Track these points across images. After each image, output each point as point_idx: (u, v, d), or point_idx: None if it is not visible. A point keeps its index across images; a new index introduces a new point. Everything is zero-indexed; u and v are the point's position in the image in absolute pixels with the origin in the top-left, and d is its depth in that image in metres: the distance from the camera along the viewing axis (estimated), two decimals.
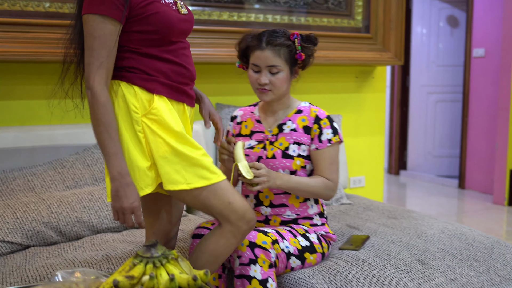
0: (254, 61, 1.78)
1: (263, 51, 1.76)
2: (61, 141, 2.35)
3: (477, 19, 5.24)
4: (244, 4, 2.79)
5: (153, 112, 1.49)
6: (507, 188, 4.73)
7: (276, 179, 1.73)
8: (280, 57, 1.76)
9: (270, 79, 1.77)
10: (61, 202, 2.07)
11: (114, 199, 1.45)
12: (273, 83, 1.77)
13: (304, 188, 1.78)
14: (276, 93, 1.80)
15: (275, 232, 1.69)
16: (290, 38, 1.79)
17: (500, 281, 1.77)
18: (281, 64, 1.77)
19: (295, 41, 1.79)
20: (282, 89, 1.81)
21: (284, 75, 1.78)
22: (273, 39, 1.76)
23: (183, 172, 1.49)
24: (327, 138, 1.82)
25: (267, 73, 1.77)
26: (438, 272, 1.76)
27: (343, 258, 1.84)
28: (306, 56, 1.81)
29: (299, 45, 1.79)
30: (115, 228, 2.14)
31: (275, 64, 1.76)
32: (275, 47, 1.76)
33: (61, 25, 2.33)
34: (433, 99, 5.98)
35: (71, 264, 1.77)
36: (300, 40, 1.79)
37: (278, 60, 1.76)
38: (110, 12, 1.41)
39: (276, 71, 1.77)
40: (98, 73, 1.43)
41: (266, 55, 1.76)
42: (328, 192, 1.82)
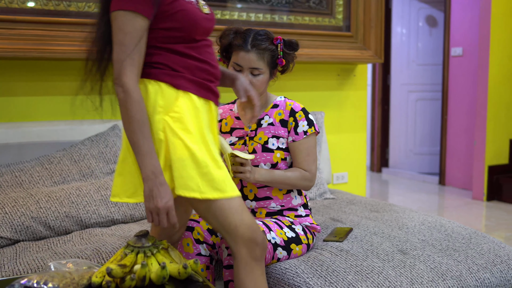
0: (237, 60, 1.82)
1: (248, 53, 1.80)
2: (48, 138, 2.36)
3: (455, 19, 5.35)
4: (227, 3, 2.83)
5: (176, 110, 1.45)
6: (486, 184, 4.84)
7: (255, 173, 1.79)
8: (263, 60, 1.81)
9: (251, 80, 1.81)
10: (49, 198, 2.09)
11: (148, 199, 1.40)
12: (253, 84, 1.82)
13: (282, 180, 1.84)
14: (256, 93, 1.85)
15: (262, 223, 1.74)
16: (273, 42, 1.84)
17: (477, 269, 1.84)
18: (264, 67, 1.82)
19: (278, 46, 1.84)
20: (261, 89, 1.86)
21: (265, 78, 1.84)
22: (258, 42, 1.81)
23: (198, 179, 1.43)
24: (303, 130, 1.87)
25: (248, 74, 1.82)
26: (418, 261, 1.82)
27: (327, 249, 1.90)
28: (287, 61, 1.88)
29: (281, 51, 1.85)
30: (104, 222, 2.16)
31: (258, 67, 1.81)
32: (260, 50, 1.81)
33: (47, 22, 2.35)
34: (413, 97, 6.09)
35: (61, 257, 1.80)
36: (282, 46, 1.85)
37: (261, 63, 1.81)
38: (140, 9, 1.39)
39: (258, 73, 1.82)
40: (130, 69, 1.40)
41: (251, 58, 1.80)
42: (306, 183, 1.88)
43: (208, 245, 1.78)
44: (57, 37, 2.36)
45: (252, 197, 1.90)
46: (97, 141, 2.40)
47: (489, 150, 4.84)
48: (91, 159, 2.33)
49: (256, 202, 1.89)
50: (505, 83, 4.84)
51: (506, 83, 4.84)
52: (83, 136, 2.44)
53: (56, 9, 2.39)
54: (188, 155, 1.43)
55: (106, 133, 2.45)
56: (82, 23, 2.41)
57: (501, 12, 4.72)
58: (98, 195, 2.18)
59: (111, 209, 2.18)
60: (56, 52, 2.33)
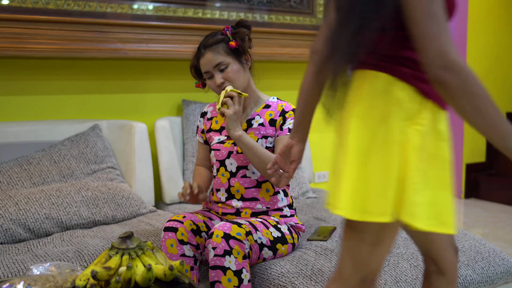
0: (203, 69, 1.88)
1: (204, 56, 1.86)
2: (27, 138, 2.32)
3: None
4: (208, 2, 2.81)
5: (422, 123, 1.12)
6: (464, 182, 4.91)
7: (239, 130, 1.80)
8: (220, 53, 1.84)
9: (223, 76, 1.84)
10: (28, 199, 2.05)
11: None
12: (227, 78, 1.84)
13: (260, 153, 1.78)
14: (237, 85, 1.87)
15: (248, 223, 1.73)
16: (222, 33, 1.88)
17: (459, 266, 1.85)
18: (224, 58, 1.84)
19: (227, 33, 1.87)
20: (240, 80, 1.87)
21: (234, 67, 1.85)
22: (207, 40, 1.86)
23: (434, 210, 1.11)
24: (288, 127, 1.87)
25: (218, 73, 1.84)
26: (402, 259, 1.84)
27: (312, 248, 1.90)
28: (240, 40, 1.88)
29: (230, 35, 1.87)
30: (85, 224, 2.13)
31: (219, 61, 1.83)
32: (212, 46, 1.85)
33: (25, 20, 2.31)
34: None
35: (42, 259, 1.76)
36: (231, 30, 1.88)
37: (219, 56, 1.84)
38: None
39: (224, 66, 1.84)
40: (452, 44, 1.03)
41: (208, 57, 1.84)
42: None
43: (192, 245, 1.76)
44: (35, 35, 2.31)
45: (239, 197, 1.89)
46: (77, 141, 2.36)
47: (467, 148, 4.90)
48: (71, 159, 2.30)
49: (243, 202, 1.88)
50: None
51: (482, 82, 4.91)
52: (62, 136, 2.40)
53: (35, 6, 2.35)
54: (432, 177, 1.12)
55: (86, 133, 2.42)
56: (61, 21, 2.37)
57: (478, 11, 4.79)
58: (79, 196, 2.15)
59: (92, 210, 2.15)
60: (34, 51, 2.29)
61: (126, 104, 2.71)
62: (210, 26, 2.77)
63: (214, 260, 1.61)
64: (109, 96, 2.66)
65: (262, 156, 1.79)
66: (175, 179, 2.58)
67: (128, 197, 2.28)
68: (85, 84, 2.60)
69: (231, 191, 1.89)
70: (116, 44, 2.49)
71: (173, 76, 2.83)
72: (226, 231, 1.62)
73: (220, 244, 1.61)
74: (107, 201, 2.21)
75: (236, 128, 1.79)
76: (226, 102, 1.77)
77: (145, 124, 2.54)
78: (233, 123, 1.78)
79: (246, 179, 1.88)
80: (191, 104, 2.72)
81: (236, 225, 1.66)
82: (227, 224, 1.65)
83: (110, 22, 2.49)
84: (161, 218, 2.26)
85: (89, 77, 2.61)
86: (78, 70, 2.57)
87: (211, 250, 1.62)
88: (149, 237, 1.99)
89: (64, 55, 2.36)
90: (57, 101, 2.54)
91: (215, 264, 1.61)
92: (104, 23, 2.48)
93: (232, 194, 1.89)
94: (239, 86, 1.86)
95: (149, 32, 2.60)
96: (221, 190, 1.91)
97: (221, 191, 1.91)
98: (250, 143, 1.79)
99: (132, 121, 2.54)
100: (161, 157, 2.59)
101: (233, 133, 1.79)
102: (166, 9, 2.68)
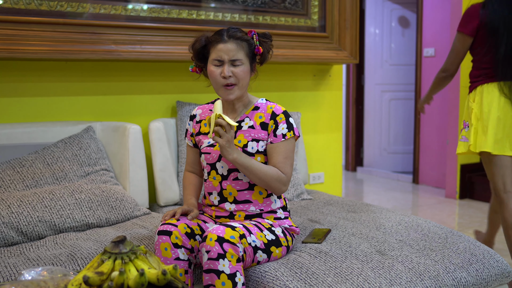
0: (216, 55, 1.82)
1: (226, 43, 1.81)
2: (19, 140, 2.30)
3: (427, 20, 5.42)
4: (203, 3, 2.80)
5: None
6: (458, 182, 4.91)
7: (234, 151, 1.76)
8: (243, 50, 1.83)
9: (233, 71, 1.82)
10: (21, 202, 2.03)
11: None
12: (236, 75, 1.81)
13: (258, 173, 1.79)
14: (240, 87, 1.85)
15: (242, 226, 1.72)
16: (248, 34, 1.86)
17: (454, 269, 1.85)
18: (243, 57, 1.83)
19: (253, 37, 1.86)
20: (245, 83, 1.86)
21: (246, 69, 1.84)
22: (234, 33, 1.83)
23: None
24: (282, 133, 1.86)
25: (230, 65, 1.82)
26: (397, 262, 1.83)
27: (306, 251, 1.89)
28: (265, 50, 1.89)
29: (257, 40, 1.86)
30: (78, 227, 2.12)
31: (238, 58, 1.82)
32: (237, 40, 1.82)
33: (17, 21, 2.29)
34: (387, 97, 6.15)
35: (35, 263, 1.75)
36: (258, 36, 1.88)
37: (240, 53, 1.82)
38: None
39: (239, 64, 1.82)
40: None
41: (230, 47, 1.81)
42: (279, 185, 1.84)
43: (187, 249, 1.75)
44: (28, 36, 2.30)
45: (232, 199, 1.88)
46: (70, 143, 2.35)
47: None
48: (64, 161, 2.28)
49: (236, 205, 1.88)
50: None
51: None
52: (56, 138, 2.39)
53: (27, 8, 2.34)
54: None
55: (80, 135, 2.40)
56: (54, 22, 2.36)
57: None
58: (72, 198, 2.13)
59: (85, 213, 2.14)
60: (27, 52, 2.28)
61: (120, 105, 2.70)
62: (204, 27, 2.76)
63: (208, 263, 1.60)
64: (103, 98, 2.65)
65: (259, 173, 1.79)
66: (169, 181, 2.57)
67: (122, 200, 2.27)
68: (78, 85, 2.59)
69: (223, 194, 1.88)
70: (110, 46, 2.47)
71: (167, 78, 2.82)
72: (219, 235, 1.61)
73: (214, 247, 1.60)
74: (100, 203, 2.19)
75: (230, 152, 1.76)
76: (217, 131, 1.72)
77: (139, 126, 2.53)
78: (227, 150, 1.75)
79: (238, 182, 1.87)
80: (185, 106, 2.71)
81: (230, 228, 1.66)
82: (221, 228, 1.65)
83: (103, 23, 2.48)
84: (155, 220, 2.24)
85: (82, 78, 2.59)
86: (72, 71, 2.56)
87: (205, 254, 1.61)
88: (143, 241, 1.97)
89: (57, 57, 2.34)
90: (50, 102, 2.52)
91: (209, 267, 1.60)
92: (97, 24, 2.47)
93: (224, 197, 1.88)
94: (241, 88, 1.84)
95: (143, 34, 2.59)
96: (213, 194, 1.91)
97: (213, 194, 1.90)
98: (245, 164, 1.78)
99: (126, 123, 2.52)
100: (155, 159, 2.58)
101: (228, 156, 1.76)
102: (160, 10, 2.67)
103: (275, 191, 1.86)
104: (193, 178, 2.03)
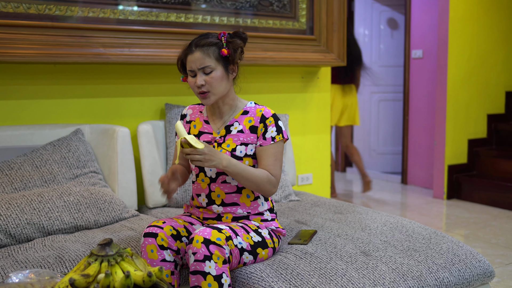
0: (188, 66, 1.86)
1: (193, 54, 1.84)
2: (8, 143, 2.31)
3: (415, 22, 5.47)
4: (191, 6, 2.82)
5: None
6: (446, 183, 4.97)
7: (223, 160, 1.77)
8: (210, 56, 1.83)
9: (205, 79, 1.83)
10: (9, 205, 2.05)
11: None
12: (208, 82, 1.83)
13: (249, 176, 1.82)
14: (216, 93, 1.86)
15: (228, 228, 1.75)
16: (218, 37, 1.87)
17: (437, 269, 1.89)
18: (212, 63, 1.83)
19: (222, 39, 1.87)
20: (221, 88, 1.87)
21: (219, 74, 1.85)
22: (200, 40, 1.85)
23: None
24: (271, 136, 1.89)
25: (201, 74, 1.84)
26: (380, 262, 1.87)
27: (292, 252, 1.92)
28: (232, 50, 1.87)
29: (225, 42, 1.86)
30: (67, 229, 2.13)
31: (206, 65, 1.83)
32: (203, 47, 1.83)
33: (6, 25, 2.30)
34: (376, 98, 6.20)
35: (23, 265, 1.76)
36: (226, 37, 1.87)
37: (207, 59, 1.83)
38: None
39: (209, 70, 1.84)
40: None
41: (196, 57, 1.83)
42: (269, 187, 1.87)
43: (173, 250, 1.78)
44: (16, 40, 2.31)
45: (220, 202, 1.90)
46: (59, 146, 2.36)
47: (449, 150, 4.97)
48: (53, 164, 2.30)
49: (223, 208, 1.90)
50: (463, 85, 4.98)
51: (464, 85, 4.98)
52: (44, 141, 2.40)
53: (16, 11, 2.34)
54: None
55: (68, 137, 2.42)
56: (43, 26, 2.37)
57: (460, 15, 4.86)
58: (61, 201, 2.15)
59: (74, 215, 2.15)
60: (15, 56, 2.29)
61: (108, 108, 2.71)
62: (193, 30, 2.78)
63: (194, 265, 1.63)
64: (92, 101, 2.66)
65: (250, 177, 1.82)
66: (158, 183, 2.59)
67: (111, 202, 2.29)
68: (67, 88, 2.60)
69: (211, 196, 1.91)
70: (98, 49, 2.49)
71: (156, 80, 2.84)
72: (206, 237, 1.64)
73: (200, 249, 1.62)
74: (89, 206, 2.21)
75: (217, 160, 1.76)
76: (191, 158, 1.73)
77: (128, 128, 2.55)
78: (212, 163, 1.75)
79: (226, 185, 1.89)
80: (174, 108, 2.73)
81: (216, 230, 1.68)
82: (207, 230, 1.67)
83: (92, 26, 2.49)
84: (143, 222, 2.26)
85: (71, 81, 2.61)
86: (60, 74, 2.57)
87: (191, 255, 1.63)
88: (130, 242, 1.99)
89: (46, 60, 2.36)
90: (39, 105, 2.53)
91: (195, 269, 1.63)
92: (86, 27, 2.48)
93: (212, 199, 1.91)
94: (217, 94, 1.87)
95: (131, 37, 2.60)
96: (201, 195, 1.93)
97: (202, 196, 1.93)
98: (235, 171, 1.80)
99: (115, 125, 2.54)
100: (144, 161, 2.60)
101: (218, 166, 1.77)
102: (149, 13, 2.69)
103: (265, 194, 1.89)
104: (179, 166, 2.01)
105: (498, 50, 5.20)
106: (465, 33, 4.93)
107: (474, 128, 5.13)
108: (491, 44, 5.13)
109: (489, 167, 4.99)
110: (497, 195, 4.65)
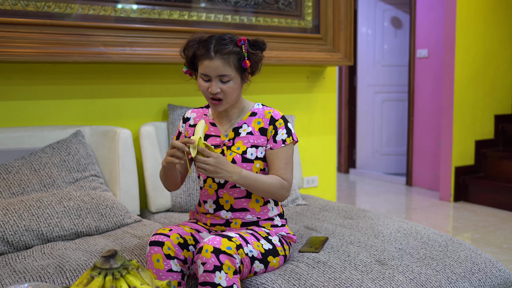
0: (203, 70, 1.74)
1: (212, 60, 1.72)
2: (5, 145, 2.23)
3: (420, 20, 5.38)
4: (194, 3, 2.73)
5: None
6: (453, 185, 4.88)
7: (233, 174, 1.69)
8: (230, 65, 1.73)
9: (221, 87, 1.74)
10: (7, 210, 1.95)
11: None
12: (224, 91, 1.74)
13: (261, 186, 1.75)
14: (229, 102, 1.78)
15: (238, 236, 1.66)
16: (237, 44, 1.76)
17: (456, 279, 1.80)
18: (232, 72, 1.74)
19: (242, 47, 1.76)
20: (234, 97, 1.78)
21: (236, 83, 1.76)
22: (221, 47, 1.72)
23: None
24: (282, 139, 1.81)
25: (217, 81, 1.74)
26: (397, 272, 1.78)
27: (303, 261, 1.83)
28: (254, 62, 1.79)
29: (246, 52, 1.76)
30: (67, 236, 2.04)
31: (225, 73, 1.73)
32: (224, 55, 1.72)
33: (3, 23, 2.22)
34: (379, 98, 6.11)
35: (21, 276, 1.67)
36: (247, 47, 1.76)
37: (228, 69, 1.73)
38: None
39: (227, 79, 1.74)
40: None
41: (216, 65, 1.72)
42: (282, 192, 1.80)
43: (180, 260, 1.68)
44: (14, 38, 2.22)
45: (228, 207, 1.81)
46: (58, 149, 2.27)
47: (456, 151, 4.88)
48: (52, 167, 2.20)
49: (232, 213, 1.81)
50: (471, 85, 4.89)
51: (471, 85, 4.90)
52: (43, 143, 2.31)
53: (13, 8, 2.26)
54: None
55: (68, 139, 2.33)
56: (42, 24, 2.29)
57: (466, 14, 4.77)
58: (61, 206, 2.06)
59: (74, 221, 2.06)
60: (13, 55, 2.20)
61: (109, 109, 2.62)
62: (196, 28, 2.69)
63: (204, 276, 1.54)
64: (92, 101, 2.58)
65: (262, 186, 1.75)
66: (160, 186, 2.50)
67: (112, 207, 2.20)
68: (66, 88, 2.51)
69: (219, 202, 1.82)
70: (99, 48, 2.40)
71: (158, 80, 2.75)
72: (216, 246, 1.55)
73: (210, 259, 1.53)
74: (90, 211, 2.12)
75: (228, 172, 1.68)
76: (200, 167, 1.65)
77: (130, 130, 2.46)
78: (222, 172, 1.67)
79: (235, 190, 1.81)
80: (177, 109, 2.64)
81: (226, 238, 1.59)
82: (217, 238, 1.58)
83: (92, 24, 2.41)
84: (147, 228, 2.17)
85: (71, 81, 2.52)
86: (59, 74, 2.48)
87: (201, 266, 1.54)
88: (134, 250, 1.90)
89: (45, 59, 2.27)
90: (37, 106, 2.44)
91: (205, 280, 1.54)
92: (86, 25, 2.39)
93: (221, 205, 1.82)
94: (230, 102, 1.78)
95: (133, 35, 2.51)
96: (208, 202, 1.84)
97: (209, 203, 1.84)
98: (246, 182, 1.72)
99: (116, 127, 2.45)
100: (146, 164, 2.51)
101: (229, 179, 1.70)
102: (151, 11, 2.60)
103: (279, 199, 1.82)
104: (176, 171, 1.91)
105: (504, 50, 5.12)
106: (472, 32, 4.84)
107: (481, 129, 5.05)
108: (497, 43, 5.05)
109: (496, 168, 4.91)
110: (504, 197, 4.56)
